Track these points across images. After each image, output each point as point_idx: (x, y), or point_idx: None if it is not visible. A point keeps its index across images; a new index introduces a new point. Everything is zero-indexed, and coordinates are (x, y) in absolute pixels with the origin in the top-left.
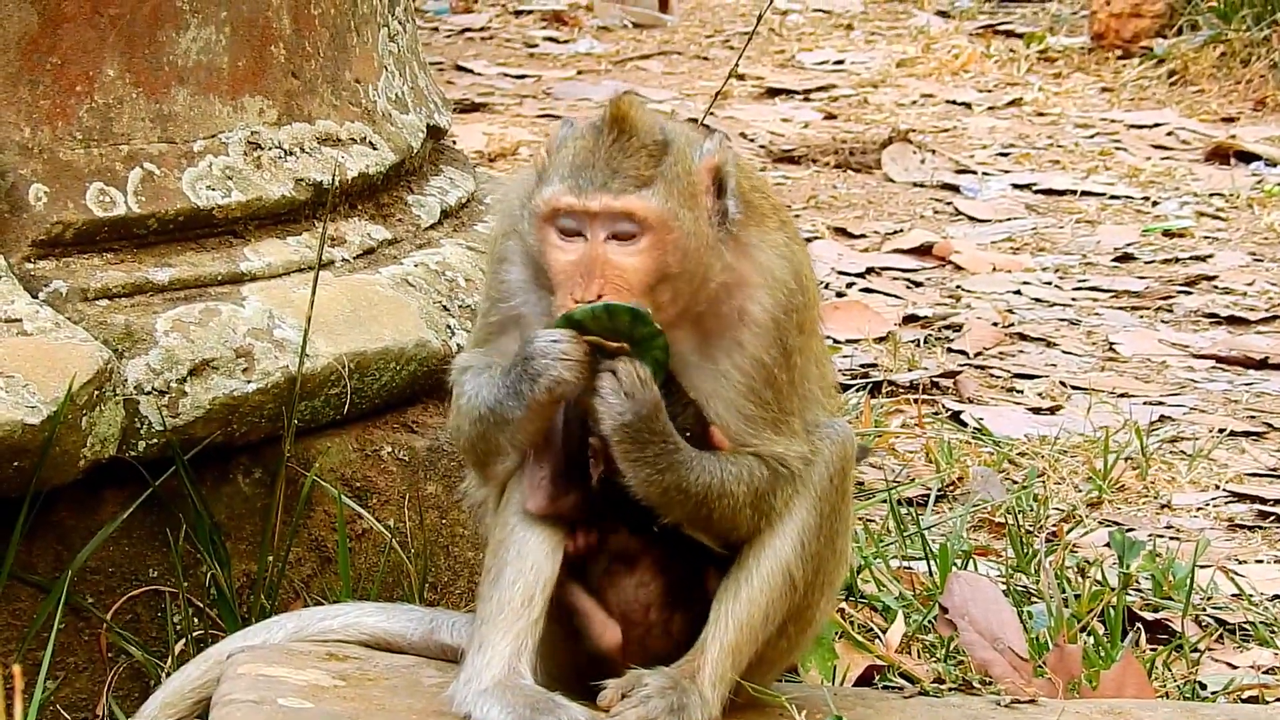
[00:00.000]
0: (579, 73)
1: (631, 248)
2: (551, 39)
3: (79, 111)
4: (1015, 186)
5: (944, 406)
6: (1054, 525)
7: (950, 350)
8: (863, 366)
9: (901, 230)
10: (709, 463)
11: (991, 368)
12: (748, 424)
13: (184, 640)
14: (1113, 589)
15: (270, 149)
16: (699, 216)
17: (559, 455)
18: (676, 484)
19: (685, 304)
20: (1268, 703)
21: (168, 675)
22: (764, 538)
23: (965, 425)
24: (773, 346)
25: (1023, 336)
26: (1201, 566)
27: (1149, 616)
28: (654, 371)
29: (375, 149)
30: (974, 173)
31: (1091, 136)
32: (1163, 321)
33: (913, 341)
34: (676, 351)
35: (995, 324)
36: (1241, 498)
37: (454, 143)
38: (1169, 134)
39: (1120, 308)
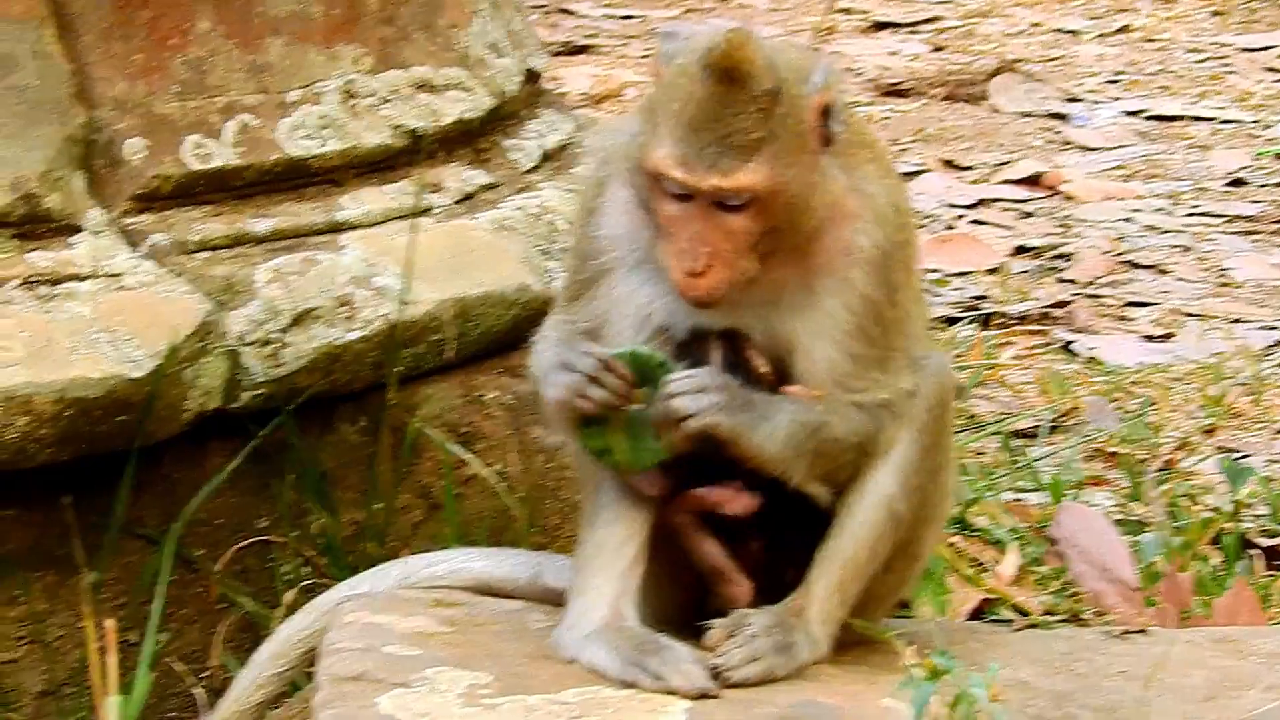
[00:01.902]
0: (685, 11)
1: (739, 214)
2: None
3: (173, 65)
4: (1125, 113)
5: (1055, 337)
6: (1168, 454)
7: (1061, 280)
8: (973, 299)
9: (1011, 161)
10: (809, 411)
11: (1103, 297)
12: (855, 364)
13: (293, 590)
14: (1225, 516)
15: (366, 97)
16: (806, 164)
17: None
18: (787, 439)
19: (786, 246)
20: None
21: (278, 625)
22: (865, 474)
23: (1077, 355)
24: (881, 283)
25: (1134, 264)
26: None
27: (1265, 543)
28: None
29: (471, 94)
30: (1083, 101)
31: (1202, 61)
32: (1276, 245)
33: (1023, 272)
34: (776, 294)
35: (1106, 252)
36: None
37: (558, 85)
38: None
39: (1233, 233)
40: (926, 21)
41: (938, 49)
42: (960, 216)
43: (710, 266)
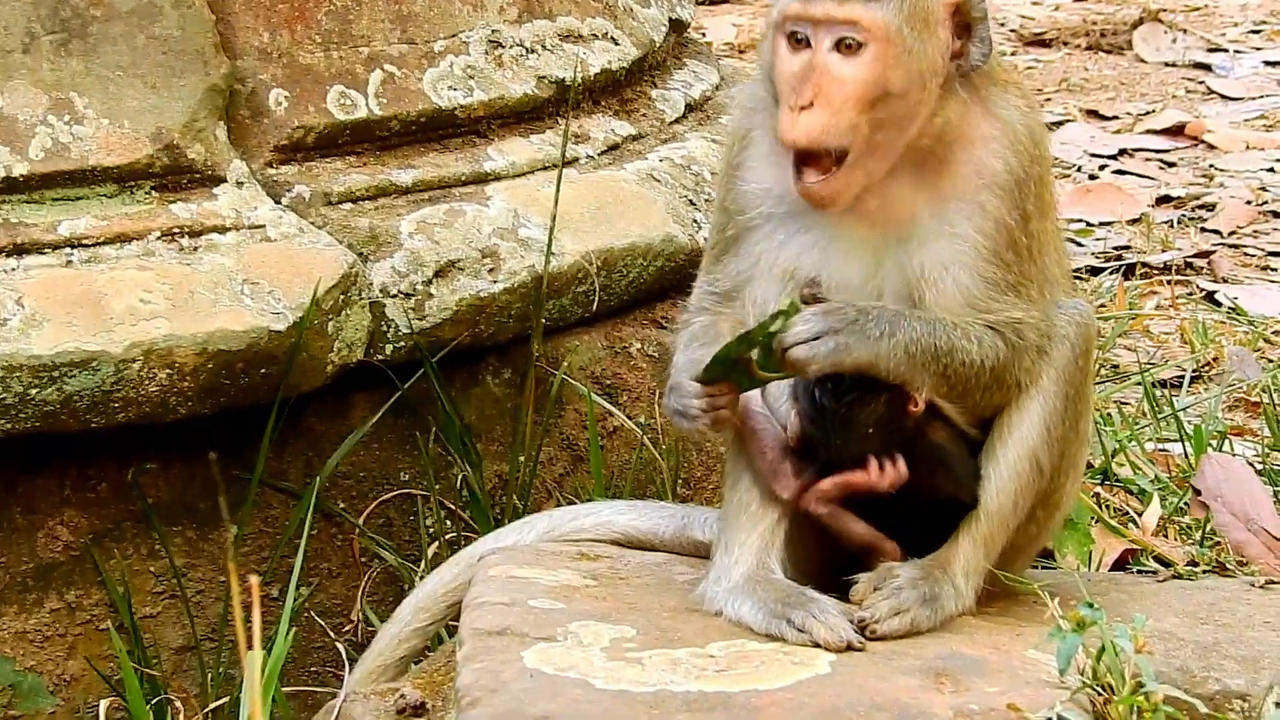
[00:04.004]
0: None
1: (854, 60)
2: None
3: (317, 15)
4: (1267, 64)
5: (1198, 287)
6: None
7: (1204, 230)
8: (1116, 249)
9: (1154, 111)
10: (935, 331)
11: (1246, 246)
12: (989, 287)
13: (436, 543)
14: None
15: (511, 47)
16: (929, 42)
17: (780, 437)
18: (909, 343)
19: (905, 137)
20: None
21: (421, 579)
22: (1010, 421)
23: (1220, 305)
24: (1014, 209)
25: (1276, 214)
26: None
27: None
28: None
29: (617, 44)
30: (1226, 51)
31: None
32: None
33: (1166, 222)
34: (908, 225)
35: (1249, 202)
36: None
37: (702, 35)
38: None
39: None
40: None
41: None
42: (1103, 166)
43: (813, 104)
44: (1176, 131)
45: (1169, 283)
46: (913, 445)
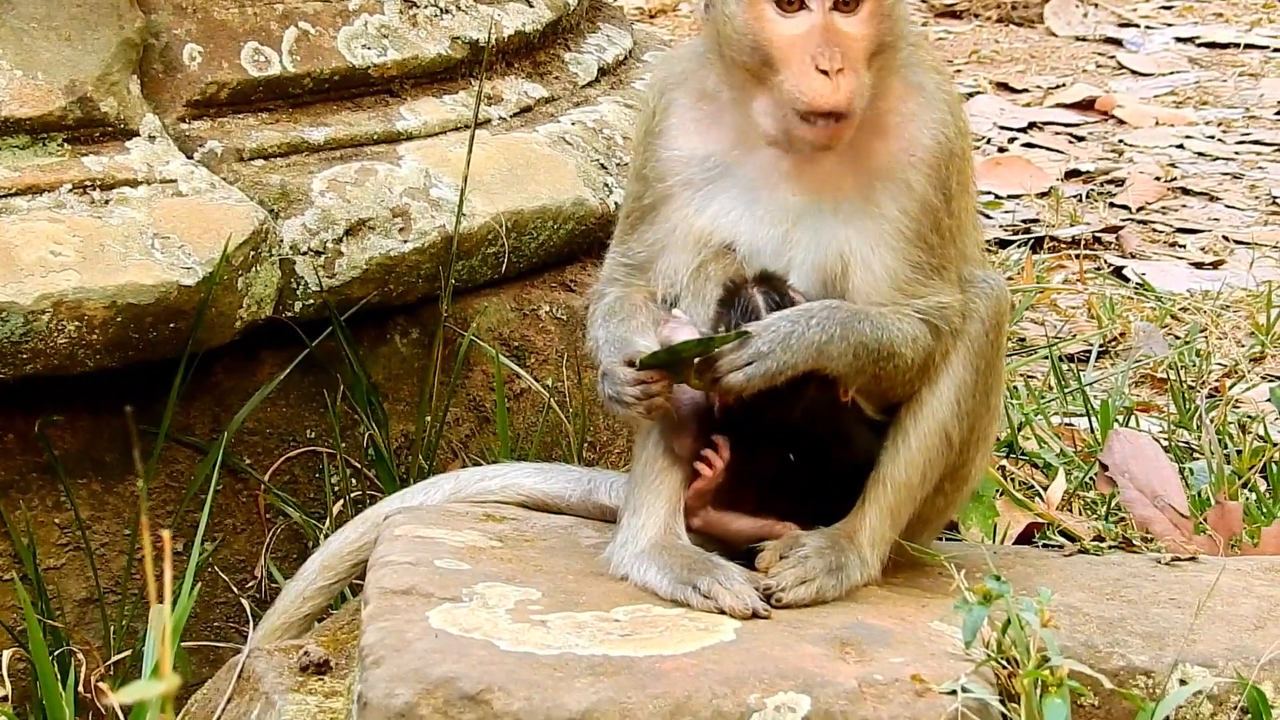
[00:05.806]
0: None
1: (854, 17)
2: None
3: None
4: (1178, 40)
5: (1106, 262)
6: (1216, 381)
7: (1112, 205)
8: (1025, 222)
9: (1064, 85)
10: (869, 324)
11: (1154, 222)
12: (915, 270)
13: (342, 501)
14: (1274, 444)
15: (426, 7)
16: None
17: (696, 399)
18: (858, 346)
19: (873, 89)
20: None
21: (326, 536)
22: (921, 396)
23: (1127, 280)
24: (939, 189)
25: (1185, 191)
26: None
27: None
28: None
29: (532, 6)
30: (1137, 26)
31: None
32: None
33: (1075, 196)
34: (833, 199)
35: (1158, 178)
36: None
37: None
38: None
39: None
40: None
41: None
42: (1013, 139)
43: (842, 69)
44: (1086, 106)
45: (1077, 257)
46: (814, 417)
